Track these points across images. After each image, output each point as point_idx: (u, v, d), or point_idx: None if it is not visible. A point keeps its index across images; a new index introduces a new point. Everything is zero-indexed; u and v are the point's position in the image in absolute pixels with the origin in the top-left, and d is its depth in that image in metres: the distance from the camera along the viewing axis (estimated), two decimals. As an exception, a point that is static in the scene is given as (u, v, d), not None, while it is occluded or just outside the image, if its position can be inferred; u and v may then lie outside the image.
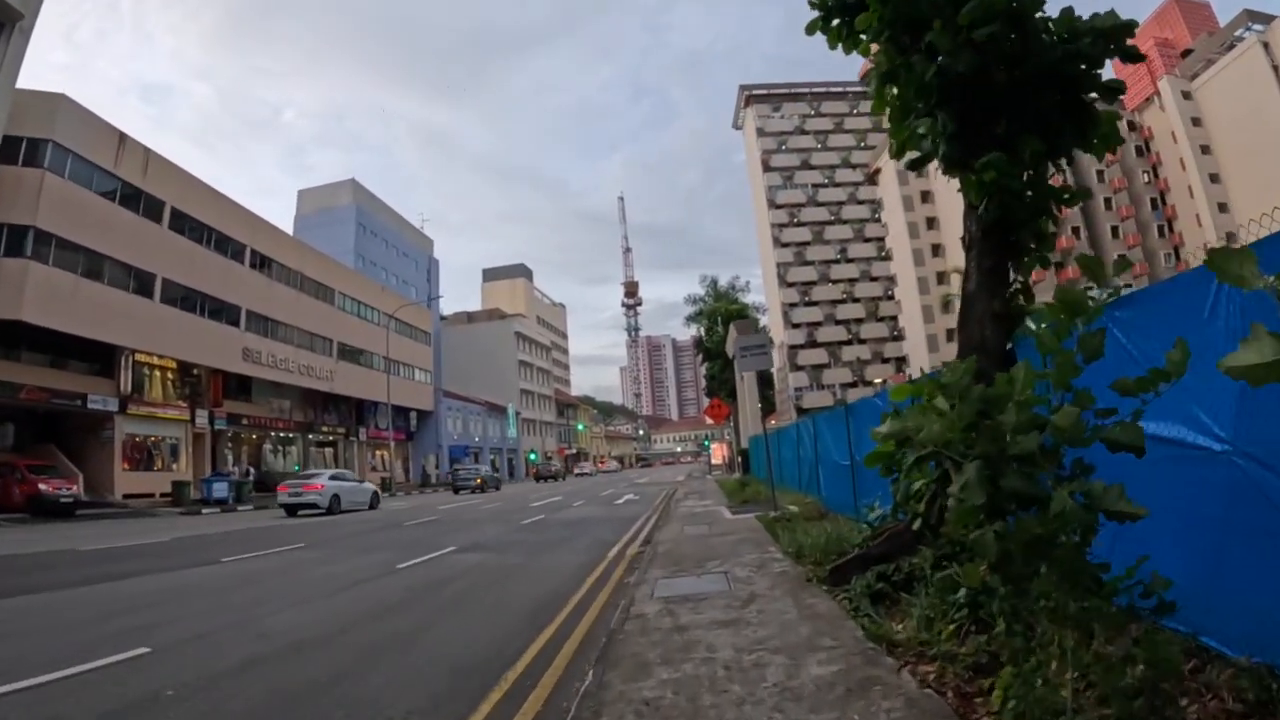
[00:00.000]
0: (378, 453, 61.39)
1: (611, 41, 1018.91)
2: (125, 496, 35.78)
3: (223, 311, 42.49)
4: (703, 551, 10.10)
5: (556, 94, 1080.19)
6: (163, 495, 36.55)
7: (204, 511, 32.24)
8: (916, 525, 6.56)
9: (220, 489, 36.31)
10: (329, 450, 58.09)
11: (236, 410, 46.26)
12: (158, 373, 41.10)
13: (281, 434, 51.91)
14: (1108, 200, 77.30)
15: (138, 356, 38.55)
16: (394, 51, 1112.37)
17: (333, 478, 30.64)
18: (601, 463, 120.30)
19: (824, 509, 13.97)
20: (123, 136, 36.78)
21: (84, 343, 34.41)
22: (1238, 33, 77.96)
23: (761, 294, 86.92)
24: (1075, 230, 74.90)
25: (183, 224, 39.99)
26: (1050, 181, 6.59)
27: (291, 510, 28.46)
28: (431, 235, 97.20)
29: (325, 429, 56.75)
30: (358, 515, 26.12)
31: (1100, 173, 77.99)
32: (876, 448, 7.39)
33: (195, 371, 42.73)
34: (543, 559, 11.47)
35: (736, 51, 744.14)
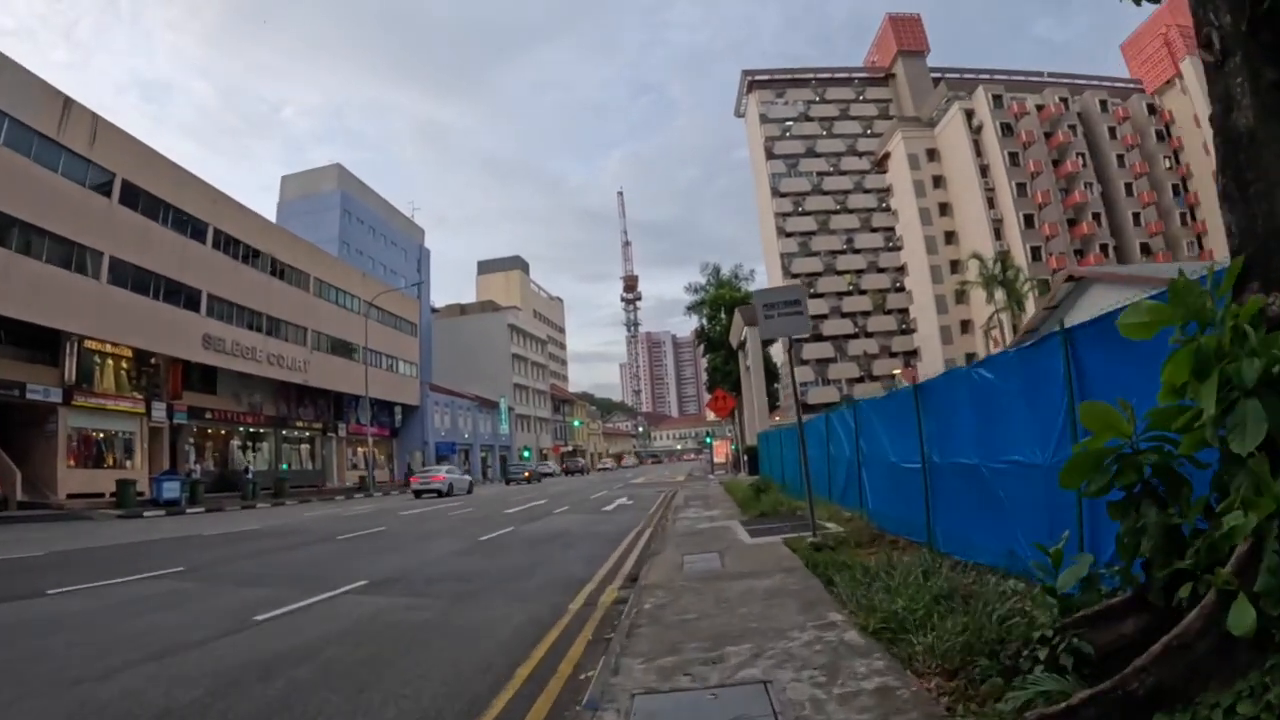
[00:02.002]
0: (359, 450, 57.56)
1: (610, 38, 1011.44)
2: (69, 496, 32.43)
3: (181, 295, 38.72)
4: (715, 616, 6.28)
5: (555, 91, 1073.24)
6: (111, 495, 32.96)
7: (146, 515, 28.80)
8: (1239, 624, 2.87)
9: (171, 489, 33.00)
10: (305, 447, 54.44)
11: (199, 403, 42.64)
12: (110, 361, 37.57)
13: (251, 429, 48.15)
14: (1129, 186, 73.76)
15: (87, 343, 35.11)
16: (392, 49, 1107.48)
17: (447, 472, 43.10)
18: (621, 459, 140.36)
19: (874, 528, 10.33)
20: (68, 101, 33.24)
21: (21, 326, 30.99)
22: (1263, 12, 74.36)
23: (766, 283, 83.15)
24: (1096, 216, 71.50)
25: (136, 198, 36.32)
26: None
27: (419, 494, 39.53)
28: (431, 233, 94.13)
29: (300, 424, 53.02)
30: (303, 525, 22.54)
31: (1120, 157, 74.59)
32: (1088, 443, 3.73)
33: (153, 360, 39.09)
34: (469, 612, 7.71)
35: (735, 49, 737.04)
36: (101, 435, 36.62)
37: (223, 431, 46.52)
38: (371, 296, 55.95)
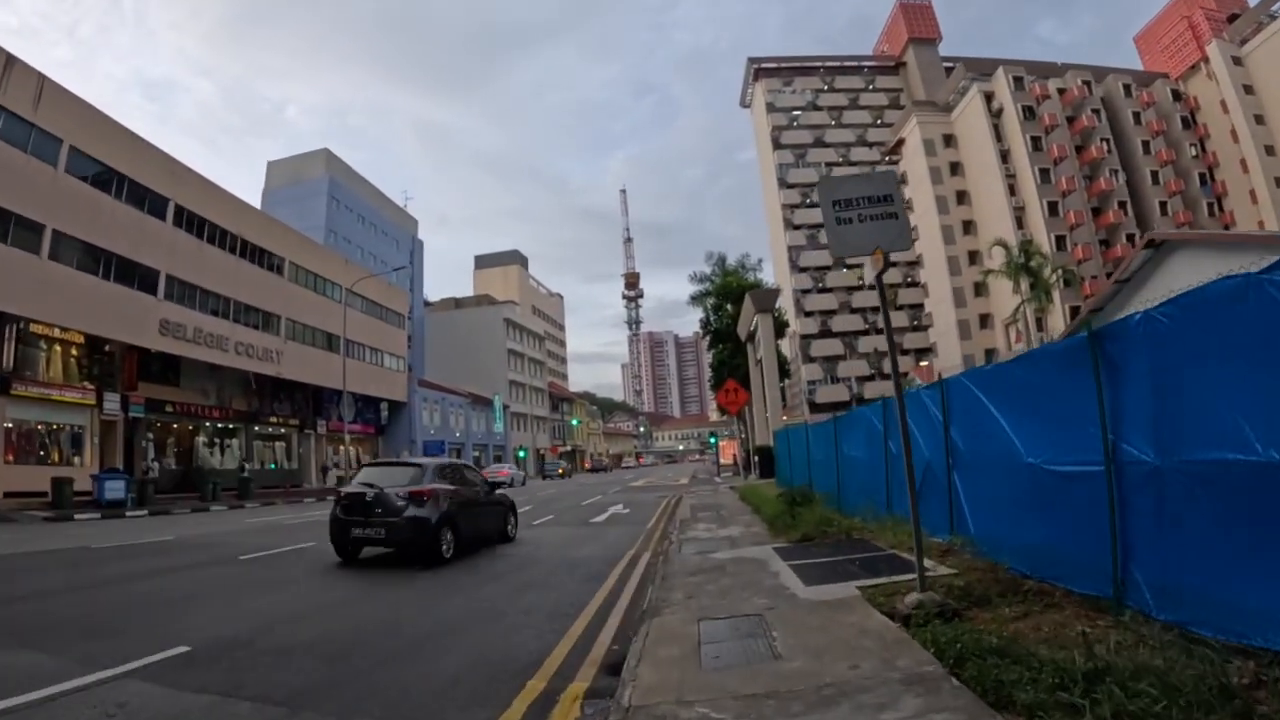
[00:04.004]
0: (340, 448, 53.63)
1: (614, 39, 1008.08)
2: (7, 495, 28.87)
3: (135, 275, 34.95)
4: None
5: (559, 91, 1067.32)
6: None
7: (77, 517, 25.15)
8: None
9: (114, 489, 29.32)
10: (280, 444, 50.63)
11: (159, 395, 38.87)
12: (58, 347, 33.95)
13: (218, 424, 44.38)
14: (1155, 174, 69.94)
15: (33, 328, 31.63)
16: (396, 48, 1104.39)
17: (510, 468, 52.91)
18: (640, 459, 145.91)
19: (994, 566, 6.65)
20: (10, 59, 29.77)
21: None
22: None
23: (772, 277, 79.61)
24: (1122, 205, 67.78)
25: (84, 168, 32.69)
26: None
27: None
28: (433, 232, 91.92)
29: (275, 420, 49.26)
30: (225, 537, 19.05)
31: (1145, 144, 70.85)
32: None
33: (107, 348, 35.49)
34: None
35: (739, 49, 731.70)
36: (47, 429, 33.08)
37: (189, 427, 42.76)
38: (354, 283, 52.21)
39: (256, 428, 47.57)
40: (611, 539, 13.97)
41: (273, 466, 49.58)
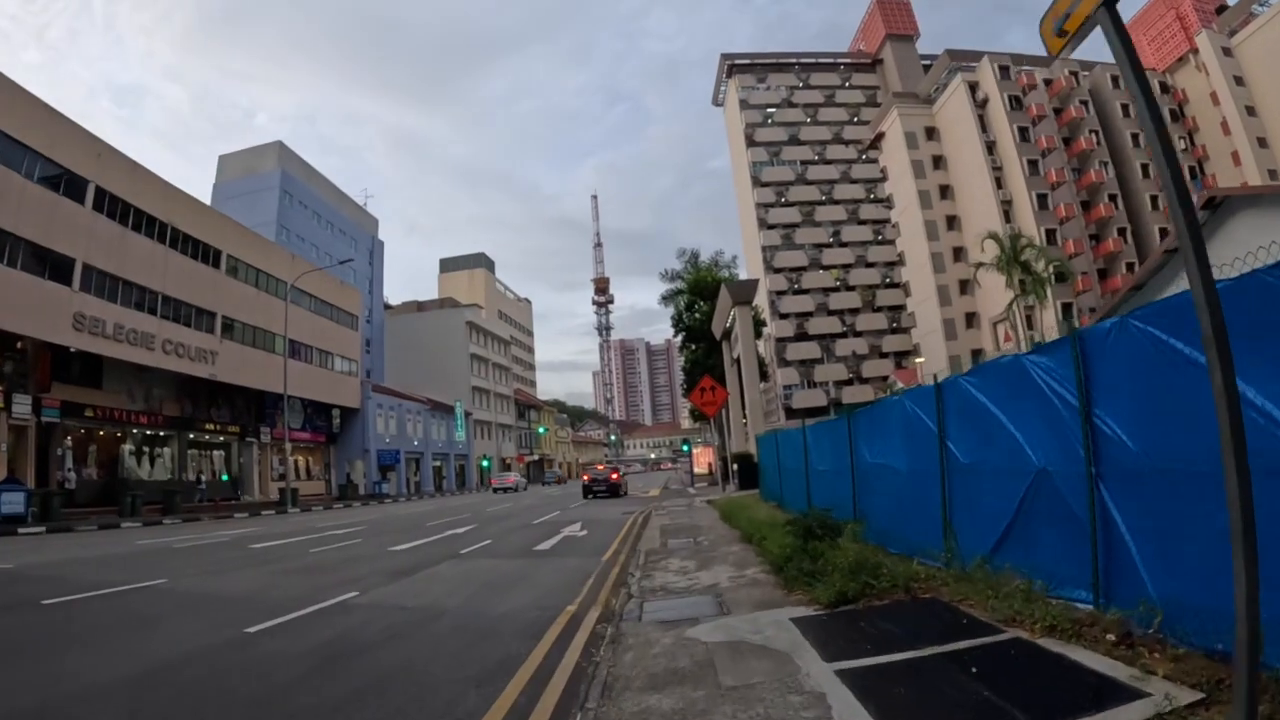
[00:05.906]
0: (292, 456, 49.46)
1: (585, 47, 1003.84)
2: (-111, 511, 25.17)
3: (45, 263, 30.99)
4: None
5: (529, 99, 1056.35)
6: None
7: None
8: None
9: (12, 501, 26.27)
10: (218, 453, 46.57)
11: (78, 398, 34.96)
12: (-40, 345, 30.12)
13: (147, 431, 40.34)
14: (1144, 167, 67.61)
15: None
16: (366, 54, 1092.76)
17: (516, 476, 67.63)
18: (625, 468, 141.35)
19: None
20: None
21: None
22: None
23: (746, 276, 76.43)
24: (1113, 198, 65.42)
25: (-13, 143, 28.85)
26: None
27: (496, 490, 59.02)
28: (403, 240, 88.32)
29: (212, 426, 45.10)
30: (68, 569, 15.17)
31: (1135, 136, 68.57)
32: None
33: (19, 344, 31.62)
34: None
35: (710, 58, 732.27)
36: (-57, 436, 29.40)
37: (115, 434, 38.78)
38: (297, 278, 48.23)
39: (191, 435, 43.59)
40: (551, 580, 10.25)
41: (225, 478, 46.15)
